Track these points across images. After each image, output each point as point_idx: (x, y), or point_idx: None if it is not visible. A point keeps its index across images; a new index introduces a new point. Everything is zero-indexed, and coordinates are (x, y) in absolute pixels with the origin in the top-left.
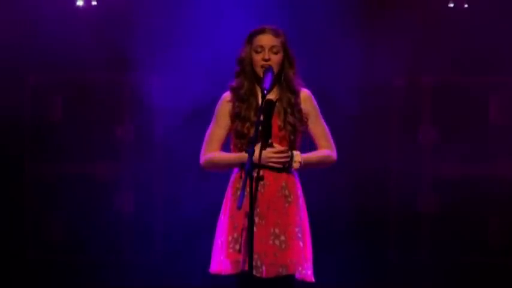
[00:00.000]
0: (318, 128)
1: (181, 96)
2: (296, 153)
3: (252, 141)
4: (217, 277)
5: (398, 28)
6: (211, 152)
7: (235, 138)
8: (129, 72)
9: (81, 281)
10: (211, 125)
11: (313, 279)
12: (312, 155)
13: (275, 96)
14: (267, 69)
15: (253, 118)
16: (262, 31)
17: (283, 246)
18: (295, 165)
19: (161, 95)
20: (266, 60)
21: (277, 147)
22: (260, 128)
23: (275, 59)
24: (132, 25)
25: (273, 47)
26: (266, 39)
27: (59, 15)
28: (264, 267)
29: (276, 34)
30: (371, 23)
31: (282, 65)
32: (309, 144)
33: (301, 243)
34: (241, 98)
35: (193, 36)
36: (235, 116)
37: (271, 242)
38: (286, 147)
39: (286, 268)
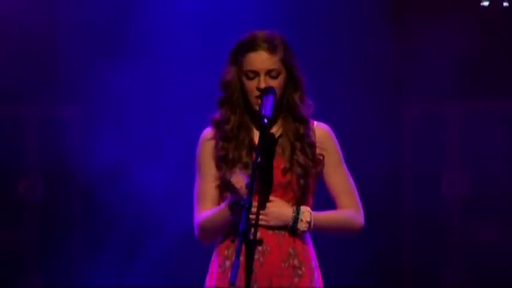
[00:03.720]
0: (339, 178)
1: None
2: (304, 209)
3: (249, 188)
4: None
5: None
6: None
7: (224, 190)
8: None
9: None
10: (196, 181)
11: None
12: (327, 216)
13: (277, 129)
14: (266, 90)
15: (246, 159)
16: (252, 47)
17: None
18: (302, 226)
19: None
20: (261, 90)
21: (275, 200)
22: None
23: (275, 85)
24: None
25: (270, 70)
26: (260, 61)
27: None
28: None
29: (273, 50)
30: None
31: (284, 89)
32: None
33: None
34: (227, 136)
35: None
36: (220, 160)
37: None
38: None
39: None
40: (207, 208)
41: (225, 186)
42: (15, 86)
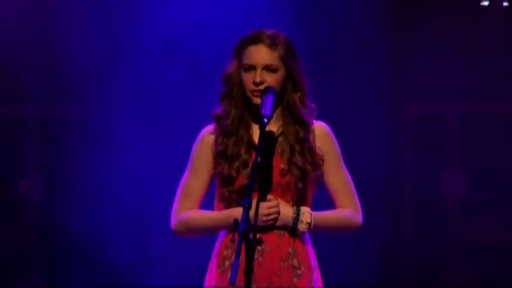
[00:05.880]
0: (337, 177)
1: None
2: (304, 210)
3: (249, 188)
4: None
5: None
6: (186, 210)
7: (221, 186)
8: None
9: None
10: (186, 174)
11: None
12: (327, 215)
13: (277, 128)
14: (266, 89)
15: (245, 156)
16: (254, 40)
17: None
18: (302, 226)
19: None
20: (257, 84)
21: (270, 198)
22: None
23: (271, 80)
24: None
25: (268, 65)
26: (258, 55)
27: None
28: None
29: (273, 45)
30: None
31: (283, 87)
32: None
33: None
34: (227, 131)
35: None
36: (219, 155)
37: None
38: (275, 198)
39: None
40: (190, 204)
41: (222, 182)
42: (15, 86)
